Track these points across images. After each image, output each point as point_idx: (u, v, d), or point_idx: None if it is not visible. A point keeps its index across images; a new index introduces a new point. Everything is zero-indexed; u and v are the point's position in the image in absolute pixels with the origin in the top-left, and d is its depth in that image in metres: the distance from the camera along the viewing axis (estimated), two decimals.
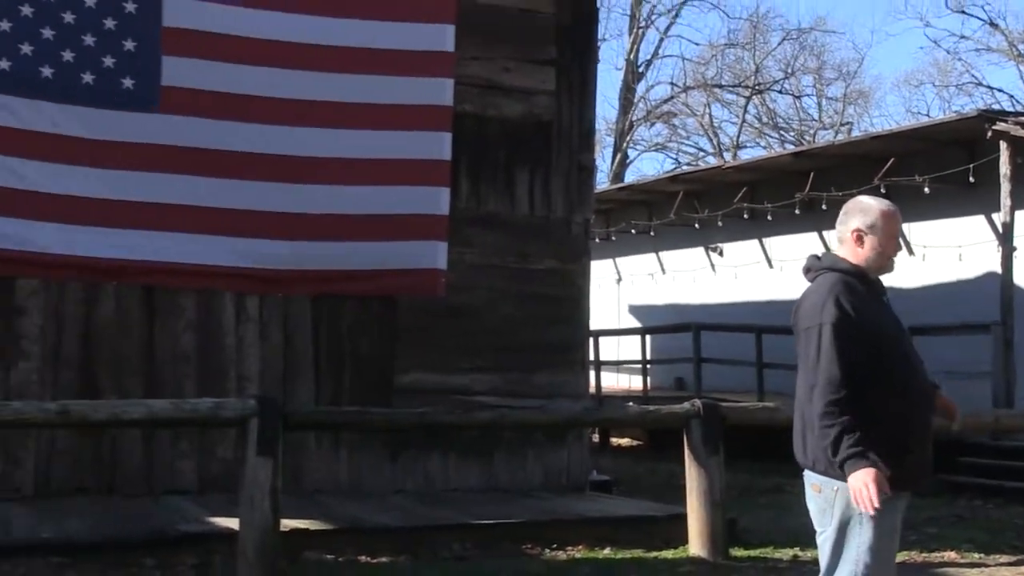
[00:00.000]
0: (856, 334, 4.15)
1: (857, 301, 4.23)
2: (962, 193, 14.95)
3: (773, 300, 17.15)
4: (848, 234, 4.40)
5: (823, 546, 4.29)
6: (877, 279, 4.42)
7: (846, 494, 4.15)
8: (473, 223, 10.56)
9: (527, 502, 9.90)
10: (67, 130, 8.20)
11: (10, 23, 7.98)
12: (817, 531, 4.34)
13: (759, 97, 39.69)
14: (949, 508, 11.13)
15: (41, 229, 8.15)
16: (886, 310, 4.39)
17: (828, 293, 4.22)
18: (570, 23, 11.22)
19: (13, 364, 9.37)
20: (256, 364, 10.09)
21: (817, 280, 4.36)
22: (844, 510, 4.18)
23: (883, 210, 4.40)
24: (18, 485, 9.32)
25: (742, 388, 16.15)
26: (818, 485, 4.29)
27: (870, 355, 4.15)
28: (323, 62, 8.61)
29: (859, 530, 4.18)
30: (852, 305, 4.19)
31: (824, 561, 4.29)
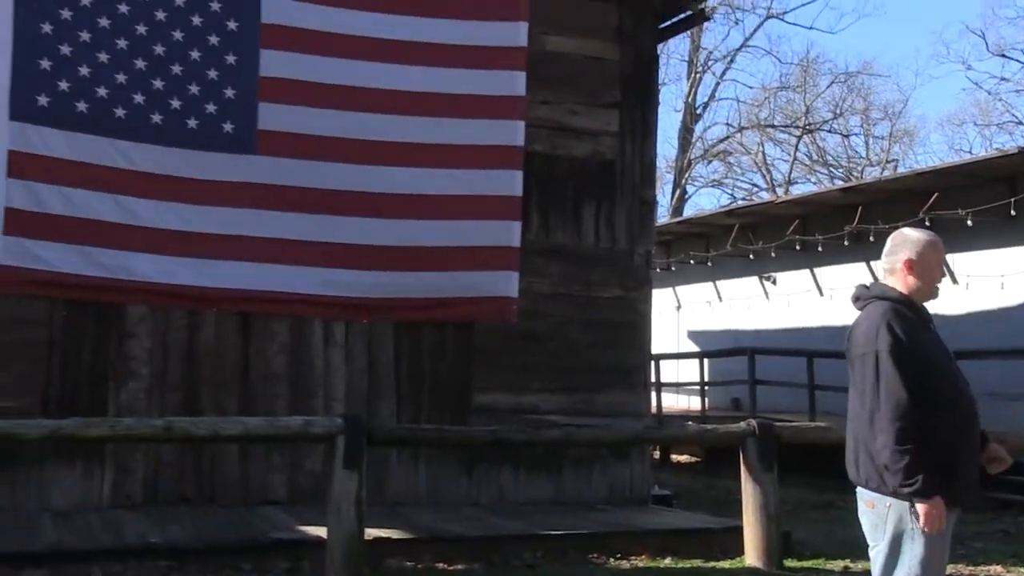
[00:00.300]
0: (908, 359, 4.11)
1: (907, 327, 4.20)
2: (1003, 225, 14.76)
3: (824, 326, 17.05)
4: (896, 264, 4.37)
5: (876, 559, 4.25)
6: (923, 306, 4.38)
7: (898, 510, 4.13)
8: (543, 254, 10.57)
9: (593, 514, 9.84)
10: (172, 171, 8.27)
11: (125, 75, 8.10)
12: (870, 544, 4.30)
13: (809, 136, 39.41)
14: (995, 524, 10.94)
15: (148, 261, 8.22)
16: (933, 336, 4.35)
17: (881, 320, 4.19)
18: (632, 69, 11.23)
19: (124, 384, 9.50)
20: (342, 385, 10.12)
21: (867, 308, 4.34)
22: (896, 525, 4.15)
23: (928, 241, 4.38)
24: (128, 493, 9.42)
25: (795, 408, 15.95)
26: (871, 501, 4.24)
27: (919, 380, 4.11)
28: (405, 106, 8.65)
29: (911, 544, 4.14)
30: (904, 331, 4.17)
31: (876, 573, 4.25)
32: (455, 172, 8.70)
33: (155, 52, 8.23)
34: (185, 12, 8.33)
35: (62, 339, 9.34)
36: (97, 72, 8.04)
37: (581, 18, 10.96)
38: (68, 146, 7.95)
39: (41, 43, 7.86)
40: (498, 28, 8.94)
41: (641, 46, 11.30)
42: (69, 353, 9.37)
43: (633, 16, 11.22)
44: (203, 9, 8.36)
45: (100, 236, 8.02)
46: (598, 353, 10.79)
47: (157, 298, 8.59)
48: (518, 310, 8.95)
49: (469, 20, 8.92)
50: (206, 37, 8.37)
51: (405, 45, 8.71)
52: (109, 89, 8.08)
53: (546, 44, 10.38)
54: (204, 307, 9.14)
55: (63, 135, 7.94)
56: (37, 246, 7.85)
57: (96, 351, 9.47)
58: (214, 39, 8.40)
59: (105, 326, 9.45)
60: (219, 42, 8.41)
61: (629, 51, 11.19)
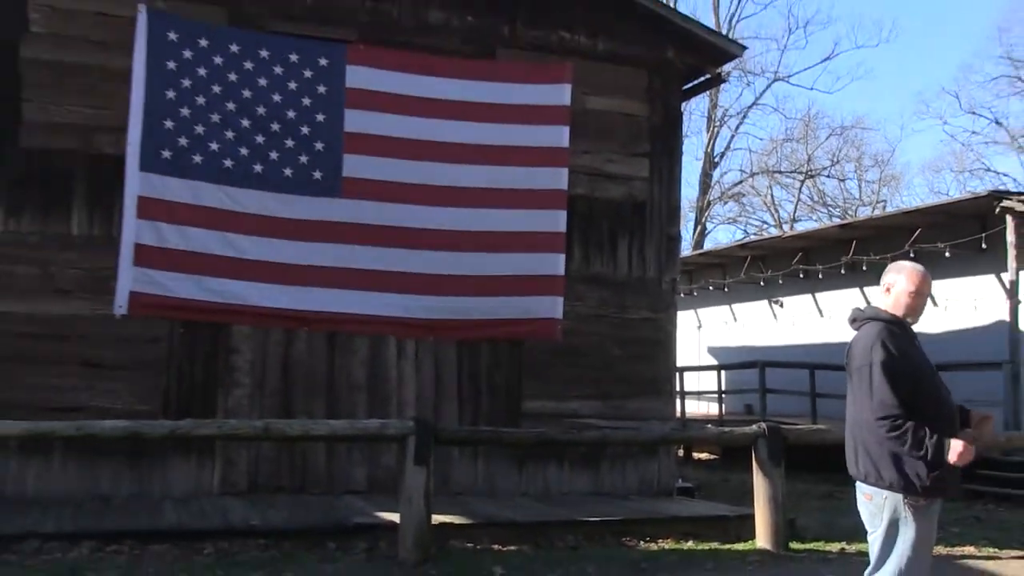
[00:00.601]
0: (899, 371, 4.13)
1: (898, 344, 4.21)
2: (976, 256, 14.65)
3: (823, 343, 16.93)
4: (889, 290, 4.37)
5: (874, 543, 4.25)
6: (910, 326, 4.38)
7: (893, 501, 4.15)
8: (583, 281, 10.60)
9: (626, 504, 9.81)
10: (271, 211, 8.25)
11: (233, 132, 8.15)
12: (868, 531, 4.30)
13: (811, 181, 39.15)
14: (969, 511, 10.88)
15: (251, 287, 8.18)
16: (919, 351, 4.36)
17: (875, 338, 4.20)
18: (660, 124, 11.24)
19: (230, 391, 9.64)
20: (412, 393, 10.18)
21: (863, 327, 4.35)
22: (891, 514, 4.16)
23: (916, 271, 4.40)
24: (234, 483, 9.54)
25: (799, 413, 15.82)
26: (869, 494, 4.24)
27: (908, 389, 4.12)
28: (467, 156, 8.62)
29: (905, 529, 4.15)
30: (895, 347, 4.19)
31: (875, 554, 4.25)
32: (509, 212, 8.68)
33: (258, 112, 8.28)
34: (283, 79, 8.39)
35: (179, 353, 9.51)
36: (210, 130, 8.09)
37: (617, 81, 11.01)
38: (186, 192, 7.98)
39: (166, 107, 7.94)
40: (546, 90, 8.93)
41: (667, 104, 11.32)
42: (185, 365, 9.53)
43: (661, 79, 11.24)
44: (298, 77, 8.42)
45: (211, 267, 8.04)
46: (630, 366, 10.78)
47: (258, 319, 8.59)
48: (562, 329, 8.92)
49: (522, 83, 8.91)
50: (300, 99, 8.41)
51: (467, 105, 8.70)
52: (220, 144, 8.12)
53: (587, 103, 10.42)
54: (297, 327, 9.17)
55: (182, 183, 7.97)
56: (160, 275, 7.87)
57: (207, 363, 9.62)
58: (307, 101, 8.43)
59: (214, 343, 9.61)
60: (311, 103, 8.44)
61: (657, 109, 11.22)
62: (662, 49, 11.19)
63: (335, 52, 8.57)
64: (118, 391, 9.15)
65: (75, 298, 9.13)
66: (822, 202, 39.77)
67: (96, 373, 9.14)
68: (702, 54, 11.37)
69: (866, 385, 4.14)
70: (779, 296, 19.84)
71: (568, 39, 10.83)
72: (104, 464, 9.08)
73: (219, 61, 8.21)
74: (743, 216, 40.40)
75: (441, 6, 10.47)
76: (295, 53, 8.47)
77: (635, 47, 11.10)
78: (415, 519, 7.37)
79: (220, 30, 8.69)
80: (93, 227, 9.30)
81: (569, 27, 10.86)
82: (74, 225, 9.29)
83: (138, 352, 9.26)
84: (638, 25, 11.10)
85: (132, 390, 9.21)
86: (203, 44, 8.17)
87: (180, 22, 8.30)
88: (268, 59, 8.38)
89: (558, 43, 10.76)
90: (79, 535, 7.40)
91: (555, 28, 10.81)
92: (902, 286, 4.33)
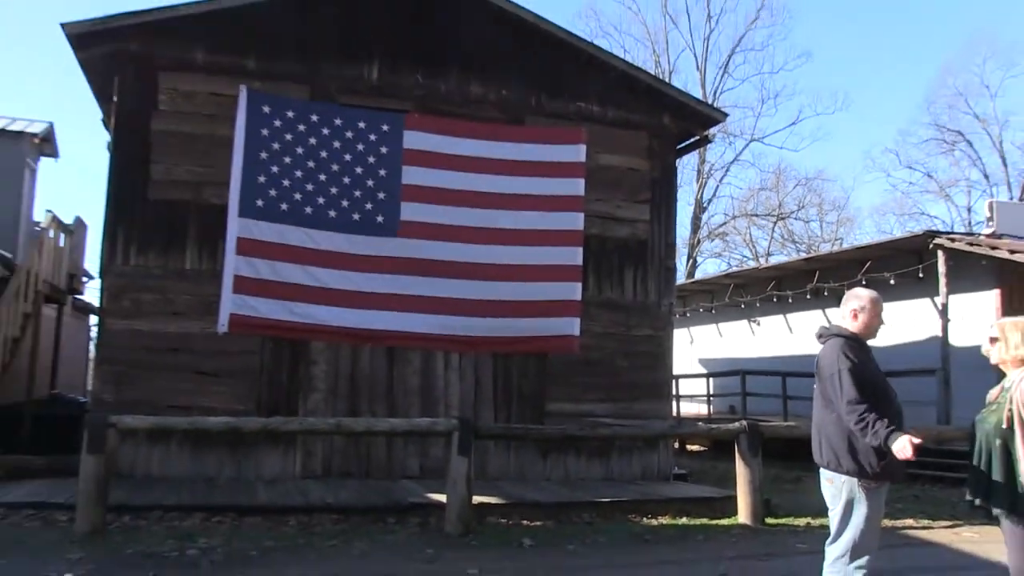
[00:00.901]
0: (860, 376, 4.13)
1: (858, 355, 4.22)
2: (914, 284, 14.59)
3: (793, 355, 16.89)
4: (848, 312, 4.38)
5: (834, 518, 4.25)
6: (866, 342, 4.37)
7: (850, 484, 4.15)
8: (597, 305, 10.63)
9: (632, 487, 9.78)
10: (342, 248, 8.24)
11: (313, 185, 8.23)
12: (829, 508, 4.30)
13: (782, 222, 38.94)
14: (909, 491, 10.86)
15: (326, 310, 8.16)
16: (873, 362, 4.35)
17: (840, 350, 4.20)
18: (659, 176, 11.28)
19: (309, 395, 9.73)
20: (457, 396, 10.21)
21: (829, 342, 4.34)
22: (848, 494, 4.17)
23: (872, 297, 4.40)
24: (312, 469, 9.60)
25: (773, 412, 15.68)
26: (830, 479, 4.24)
27: (868, 391, 4.12)
28: (503, 204, 8.62)
29: (859, 507, 4.16)
30: (856, 357, 4.18)
31: (834, 528, 4.25)
32: (535, 249, 8.68)
33: (332, 169, 8.34)
34: (352, 142, 8.46)
35: (269, 364, 9.63)
36: (294, 183, 8.18)
37: (623, 142, 11.08)
38: (275, 233, 8.04)
39: (260, 165, 8.05)
40: (565, 150, 8.96)
41: (664, 161, 11.36)
42: (273, 373, 9.64)
43: (659, 140, 11.30)
44: (365, 140, 8.50)
45: (295, 294, 8.07)
46: (635, 374, 10.78)
47: (331, 336, 8.61)
48: (579, 345, 8.94)
49: (546, 144, 8.94)
50: (366, 158, 8.47)
51: (502, 162, 8.72)
52: (301, 194, 8.17)
53: (599, 159, 10.48)
54: (363, 343, 9.25)
55: (271, 226, 8.03)
56: (254, 300, 7.91)
57: (291, 372, 9.72)
58: (371, 159, 8.48)
59: (296, 355, 9.71)
60: (374, 161, 8.49)
61: (656, 164, 11.27)
62: (660, 116, 11.26)
63: (394, 120, 8.67)
64: (221, 394, 9.27)
65: (187, 319, 9.30)
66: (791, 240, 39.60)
67: (204, 379, 9.28)
68: (692, 120, 11.43)
69: (837, 388, 4.12)
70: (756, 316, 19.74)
71: (583, 108, 10.93)
72: (210, 452, 9.22)
73: (302, 128, 8.32)
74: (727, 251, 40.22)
75: (480, 83, 10.61)
76: (362, 121, 8.57)
77: (638, 114, 11.17)
78: (459, 499, 7.40)
79: (303, 104, 8.85)
80: (202, 262, 9.48)
81: (584, 99, 10.96)
82: (188, 261, 9.48)
83: (236, 363, 9.40)
84: (640, 97, 11.18)
85: (232, 393, 9.33)
86: (290, 115, 8.30)
87: (272, 98, 8.48)
88: (341, 126, 8.48)
89: (575, 111, 10.86)
90: (192, 508, 7.53)
91: (572, 99, 10.92)
92: (870, 313, 4.33)
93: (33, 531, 6.80)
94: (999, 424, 4.04)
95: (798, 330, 17.97)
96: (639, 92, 11.17)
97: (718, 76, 37.07)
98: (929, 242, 13.92)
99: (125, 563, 5.86)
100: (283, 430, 8.27)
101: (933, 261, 13.98)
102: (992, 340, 4.24)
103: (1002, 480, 4.01)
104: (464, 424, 7.72)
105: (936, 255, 13.80)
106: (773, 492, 9.73)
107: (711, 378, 19.14)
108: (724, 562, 6.49)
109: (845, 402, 4.07)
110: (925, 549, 7.38)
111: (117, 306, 9.23)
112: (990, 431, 4.09)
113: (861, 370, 4.14)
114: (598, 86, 11.01)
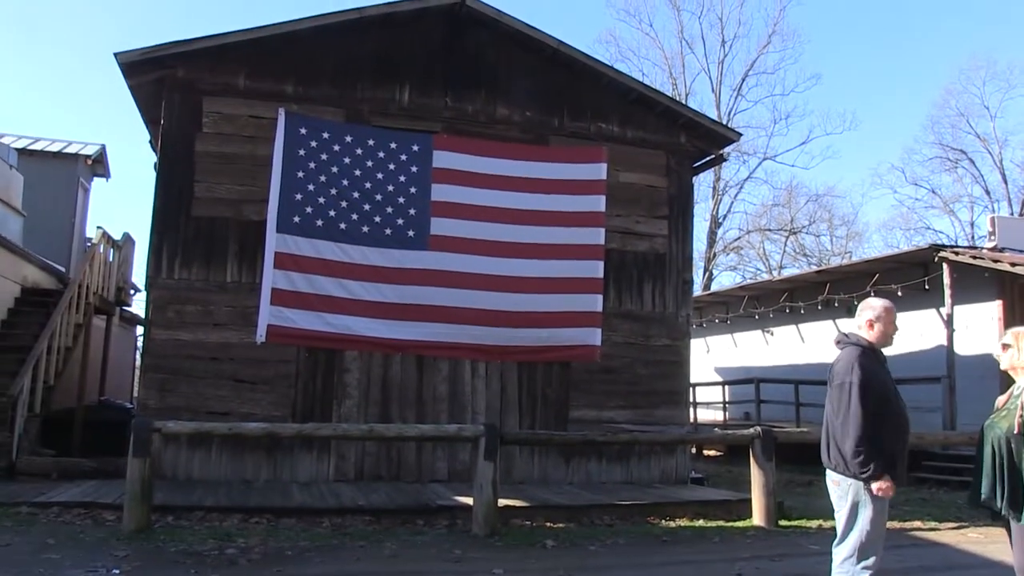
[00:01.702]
0: (871, 388, 4.08)
1: (871, 365, 4.16)
2: (921, 295, 14.48)
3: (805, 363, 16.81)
4: (863, 322, 4.33)
5: (840, 520, 4.21)
6: (881, 351, 4.33)
7: (856, 487, 4.10)
8: (617, 316, 10.62)
9: (650, 490, 9.72)
10: (374, 262, 8.23)
11: (346, 202, 8.27)
12: (836, 510, 4.25)
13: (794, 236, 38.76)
14: (916, 494, 10.73)
15: (359, 321, 8.13)
16: (886, 372, 4.29)
17: (855, 359, 4.15)
18: (676, 193, 11.27)
19: (342, 402, 9.77)
20: (483, 403, 10.21)
21: (845, 349, 4.28)
22: (854, 496, 4.12)
23: (885, 306, 4.35)
24: (345, 472, 9.63)
25: (786, 419, 15.58)
26: (837, 481, 4.20)
27: (876, 403, 4.08)
28: (528, 220, 8.59)
29: (864, 509, 4.11)
30: (869, 368, 4.13)
31: (840, 528, 4.21)
32: (559, 262, 8.66)
33: (366, 186, 8.37)
34: (385, 161, 8.50)
35: (304, 372, 9.68)
36: (328, 200, 8.21)
37: (642, 161, 11.09)
38: (311, 248, 8.06)
39: (297, 184, 8.10)
40: (587, 168, 8.94)
41: (681, 178, 11.35)
42: (308, 381, 9.69)
43: (676, 159, 11.29)
44: (396, 159, 8.53)
45: (328, 305, 8.07)
46: (654, 382, 10.74)
47: (364, 346, 8.58)
48: (601, 353, 8.92)
49: (569, 163, 8.92)
50: (398, 176, 8.50)
51: (526, 180, 8.69)
52: (335, 211, 8.21)
53: (619, 177, 10.50)
54: (394, 352, 9.24)
55: (307, 241, 8.06)
56: (290, 312, 7.92)
57: (325, 380, 9.77)
58: (402, 177, 8.50)
59: (330, 364, 9.76)
60: (405, 179, 8.51)
61: (674, 181, 11.26)
62: (677, 136, 11.26)
63: (424, 140, 8.70)
64: (258, 400, 9.36)
65: (227, 329, 9.41)
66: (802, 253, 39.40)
67: (242, 386, 9.36)
68: (708, 139, 11.41)
69: (845, 398, 4.08)
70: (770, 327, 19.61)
71: (604, 128, 10.96)
72: (248, 456, 9.28)
73: (336, 148, 8.37)
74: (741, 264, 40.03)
75: (506, 104, 10.68)
76: (394, 142, 8.61)
77: (656, 134, 11.18)
78: (485, 502, 7.40)
79: (338, 125, 8.93)
80: (242, 275, 9.59)
81: (604, 119, 11.00)
82: (228, 274, 9.59)
83: (273, 371, 9.47)
84: (658, 118, 11.20)
85: (269, 400, 9.40)
86: (325, 136, 8.37)
87: (309, 120, 8.57)
88: (373, 146, 8.51)
89: (596, 132, 10.90)
90: (231, 509, 7.58)
91: (593, 120, 10.96)
92: (885, 321, 4.29)
93: (84, 528, 6.90)
94: (1010, 429, 4.06)
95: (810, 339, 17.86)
96: (657, 113, 11.18)
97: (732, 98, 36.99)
98: (934, 255, 13.87)
99: (168, 560, 5.93)
100: (317, 435, 8.30)
101: (938, 273, 13.90)
102: (1004, 347, 4.29)
103: (1011, 482, 4.02)
104: (490, 430, 7.72)
105: (941, 268, 13.75)
106: (786, 495, 9.65)
107: (727, 386, 19.04)
108: (739, 562, 6.44)
109: (851, 416, 4.03)
110: (932, 549, 7.28)
111: (162, 317, 9.35)
112: (1000, 435, 4.09)
113: (872, 382, 4.08)
114: (618, 108, 11.04)
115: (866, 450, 3.98)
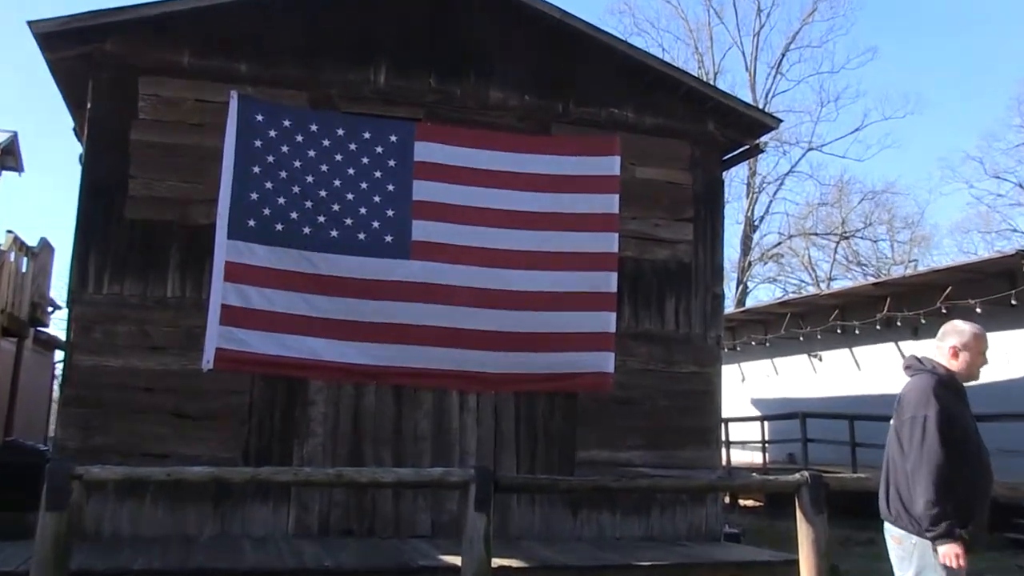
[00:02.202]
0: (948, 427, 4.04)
1: (950, 400, 4.12)
2: (1006, 312, 14.49)
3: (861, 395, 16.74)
4: (947, 349, 4.28)
5: None
6: (962, 384, 4.28)
7: (923, 546, 4.01)
8: (634, 337, 10.60)
9: (675, 548, 9.69)
10: (345, 273, 8.19)
11: (311, 202, 8.26)
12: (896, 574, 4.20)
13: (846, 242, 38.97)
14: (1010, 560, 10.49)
15: (325, 344, 8.11)
16: (967, 409, 4.25)
17: (930, 390, 4.10)
18: (703, 191, 11.31)
19: (305, 440, 9.74)
20: (473, 442, 10.19)
21: (917, 378, 4.24)
22: (920, 559, 4.04)
23: (975, 332, 4.29)
24: (307, 525, 9.58)
25: (839, 461, 15.58)
26: (899, 537, 4.16)
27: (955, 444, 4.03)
28: (527, 223, 8.63)
29: None
30: (948, 402, 4.08)
31: None
32: (564, 273, 8.67)
33: (334, 184, 8.36)
34: (357, 154, 8.51)
35: (260, 405, 9.64)
36: (291, 200, 8.18)
37: (663, 153, 11.12)
38: (268, 256, 8.02)
39: (252, 181, 8.05)
40: (598, 162, 8.97)
41: (709, 173, 11.39)
42: (264, 416, 9.65)
43: (703, 150, 11.34)
44: (370, 152, 8.54)
45: (290, 325, 8.03)
46: (679, 417, 10.72)
47: (331, 373, 8.52)
48: (614, 382, 8.89)
49: (575, 156, 8.95)
50: (373, 172, 8.50)
51: (525, 176, 8.72)
52: (299, 213, 8.18)
53: (636, 172, 10.53)
54: (367, 381, 9.23)
55: (265, 248, 8.01)
56: (243, 333, 7.89)
57: (285, 415, 9.73)
58: (378, 173, 8.51)
59: (291, 395, 9.73)
60: (382, 175, 8.51)
61: (700, 177, 11.30)
62: (703, 123, 11.30)
63: (404, 129, 8.67)
64: (204, 439, 9.29)
65: (167, 354, 9.37)
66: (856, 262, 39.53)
67: (184, 423, 9.31)
68: (741, 127, 11.46)
69: (918, 435, 4.03)
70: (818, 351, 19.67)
71: (617, 115, 10.99)
72: (190, 506, 9.22)
73: (300, 139, 8.36)
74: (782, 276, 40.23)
75: (500, 87, 10.71)
76: (368, 131, 8.60)
77: (679, 121, 11.22)
78: (476, 562, 7.26)
79: (301, 112, 8.94)
80: (186, 290, 9.57)
81: (618, 104, 11.03)
82: (169, 288, 9.56)
83: (222, 403, 9.43)
84: (681, 101, 11.24)
85: (217, 439, 9.35)
86: (286, 124, 8.35)
87: (266, 105, 8.56)
88: (343, 136, 8.51)
89: (608, 119, 10.93)
90: (166, 573, 7.52)
91: (605, 105, 11.00)
92: (974, 351, 4.25)
93: None
94: None
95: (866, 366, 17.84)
96: (679, 96, 11.22)
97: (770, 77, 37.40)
98: (1022, 263, 13.78)
99: None
100: (275, 481, 8.14)
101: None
102: None
103: None
104: (482, 474, 7.61)
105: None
106: (842, 557, 9.63)
107: (766, 421, 19.06)
108: None
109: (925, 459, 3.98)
110: None
111: (87, 339, 9.30)
112: None
113: (950, 422, 4.03)
114: (633, 90, 11.08)
115: (942, 502, 3.92)
